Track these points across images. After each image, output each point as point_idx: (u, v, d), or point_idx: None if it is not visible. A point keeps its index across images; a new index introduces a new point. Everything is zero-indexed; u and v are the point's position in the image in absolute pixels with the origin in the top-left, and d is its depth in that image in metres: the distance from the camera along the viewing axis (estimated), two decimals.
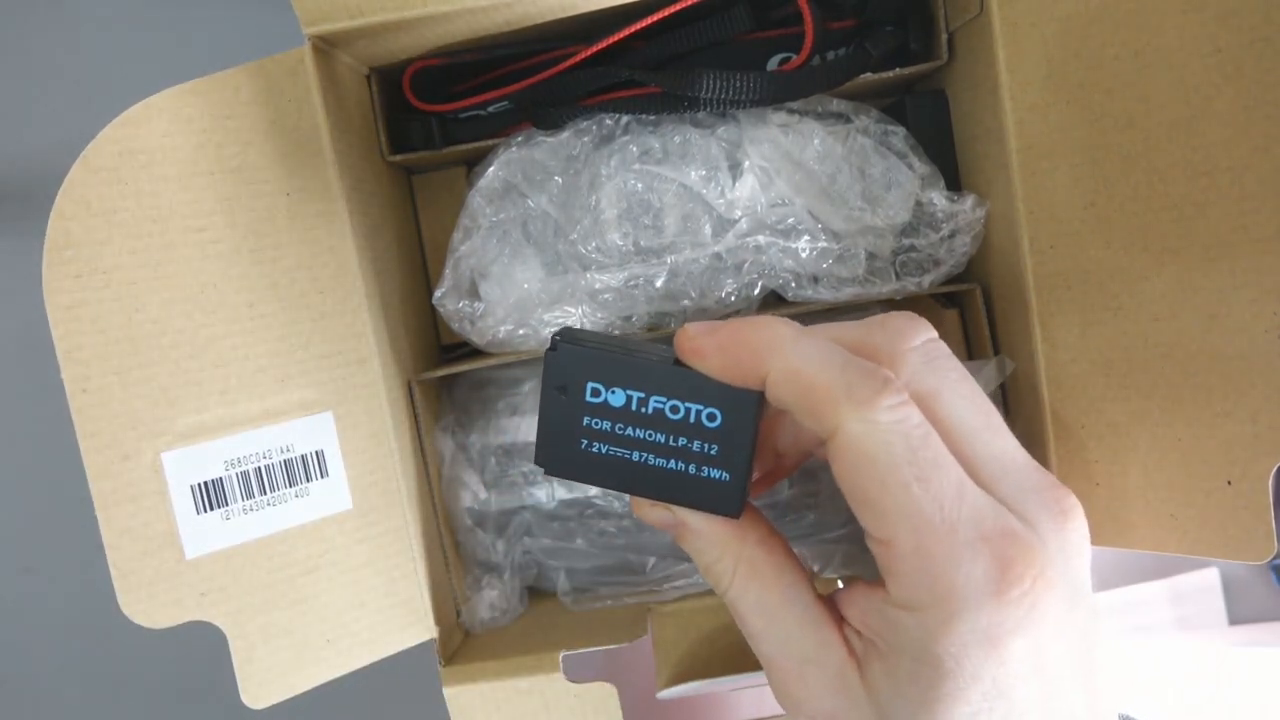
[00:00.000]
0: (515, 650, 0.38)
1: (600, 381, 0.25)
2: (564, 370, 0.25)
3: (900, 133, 0.40)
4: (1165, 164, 0.31)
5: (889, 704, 0.23)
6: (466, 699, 0.36)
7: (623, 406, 0.25)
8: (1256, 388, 0.29)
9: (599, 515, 0.42)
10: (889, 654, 0.23)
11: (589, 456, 0.25)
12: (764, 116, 0.40)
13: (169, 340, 0.32)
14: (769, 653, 0.25)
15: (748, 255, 0.39)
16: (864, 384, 0.22)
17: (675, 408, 0.24)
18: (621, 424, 0.25)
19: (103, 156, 0.31)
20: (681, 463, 0.25)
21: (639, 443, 0.25)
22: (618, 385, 0.24)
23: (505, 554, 0.42)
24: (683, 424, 0.24)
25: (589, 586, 0.43)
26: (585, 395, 0.25)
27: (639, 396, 0.24)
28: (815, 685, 0.24)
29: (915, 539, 0.21)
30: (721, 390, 0.24)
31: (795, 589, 0.25)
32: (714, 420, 0.24)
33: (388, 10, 0.33)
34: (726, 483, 0.25)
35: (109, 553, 0.31)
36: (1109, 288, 0.34)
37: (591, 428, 0.25)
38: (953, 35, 0.40)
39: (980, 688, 0.21)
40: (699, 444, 0.24)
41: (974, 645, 0.21)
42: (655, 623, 0.38)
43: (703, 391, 0.24)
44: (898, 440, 0.22)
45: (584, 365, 0.25)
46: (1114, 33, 0.32)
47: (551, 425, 0.25)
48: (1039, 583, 0.22)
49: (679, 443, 0.24)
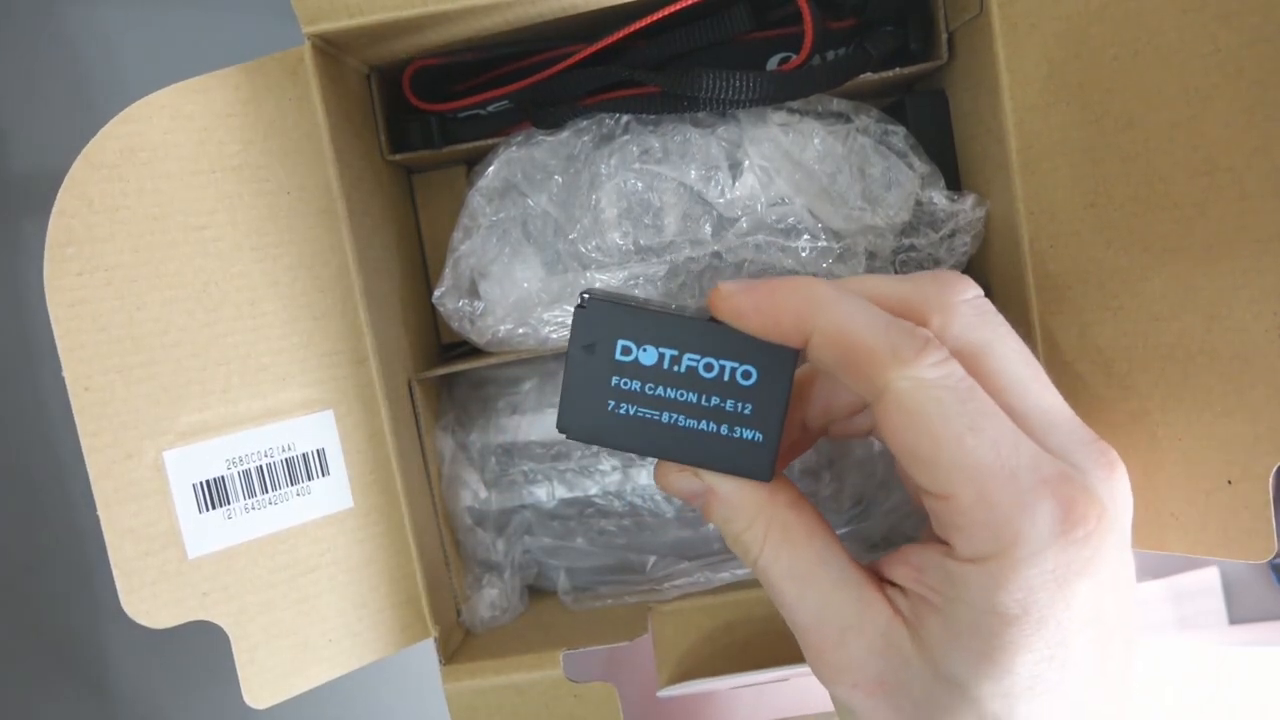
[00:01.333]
0: (515, 649, 0.38)
1: (632, 339, 0.24)
2: (594, 327, 0.24)
3: (900, 132, 0.40)
4: (1165, 164, 0.31)
5: (947, 659, 0.22)
6: (467, 698, 0.36)
7: (654, 365, 0.24)
8: (1256, 388, 0.29)
9: (599, 514, 0.42)
10: (947, 608, 0.22)
11: (616, 418, 0.24)
12: (764, 116, 0.40)
13: (171, 338, 0.32)
14: (805, 621, 0.24)
15: (748, 255, 0.39)
16: (908, 343, 0.22)
17: (709, 365, 0.24)
18: (652, 383, 0.24)
19: (104, 154, 0.31)
20: (713, 423, 0.24)
21: (670, 403, 0.24)
22: (650, 342, 0.24)
23: (505, 553, 0.42)
24: (716, 382, 0.24)
25: (589, 586, 0.43)
26: (615, 354, 0.24)
27: (672, 354, 0.24)
28: (858, 650, 0.24)
29: (976, 488, 0.21)
30: (758, 346, 0.23)
31: (829, 551, 0.25)
32: (749, 379, 0.24)
33: (387, 10, 0.33)
34: (759, 444, 0.24)
35: (111, 552, 0.31)
36: (1109, 288, 0.34)
37: (620, 388, 0.24)
38: (953, 35, 0.40)
39: (1045, 634, 0.21)
40: (732, 403, 0.24)
41: (1040, 589, 0.21)
42: (655, 622, 0.38)
43: (738, 348, 0.24)
44: (946, 394, 0.22)
45: (615, 322, 0.24)
46: (1114, 33, 0.32)
47: (577, 386, 0.24)
48: (1101, 523, 0.22)
49: (711, 402, 0.24)
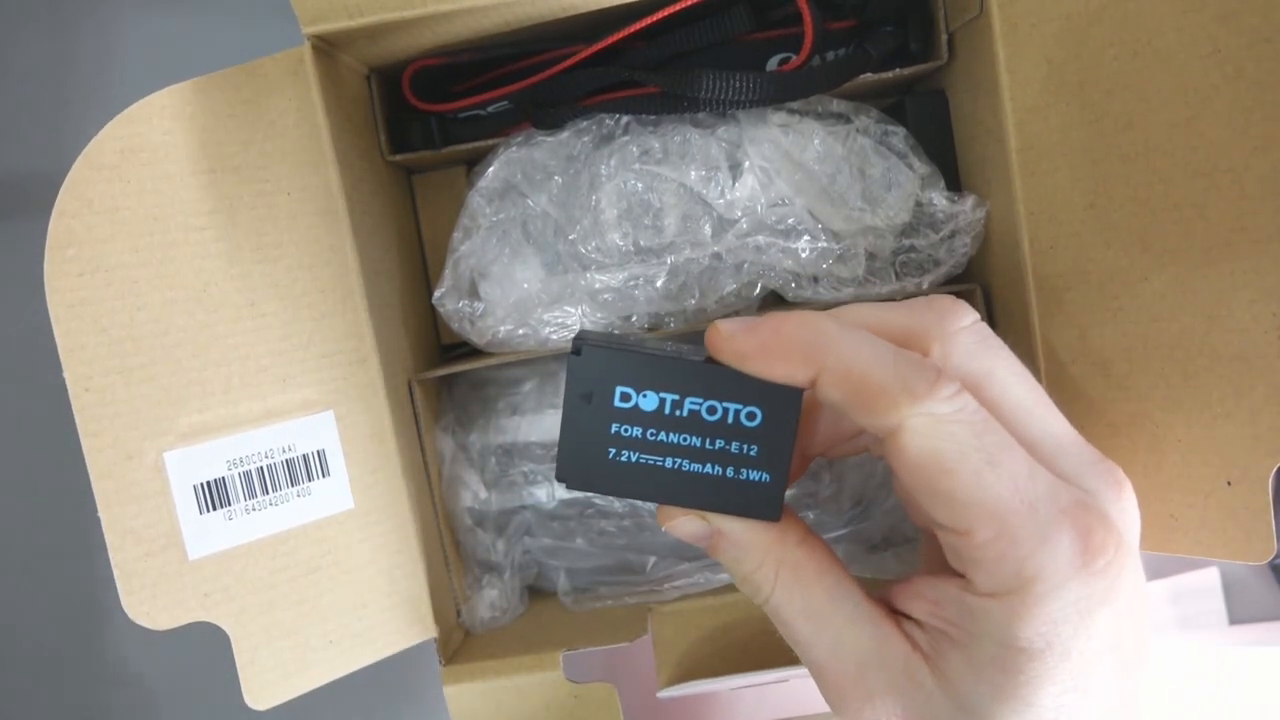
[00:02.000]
0: (515, 650, 0.38)
1: (631, 385, 0.23)
2: (590, 375, 0.23)
3: (900, 133, 0.40)
4: (1165, 164, 0.31)
5: (970, 693, 0.22)
6: (467, 698, 0.36)
7: (655, 411, 0.23)
8: (1256, 388, 0.29)
9: (599, 515, 0.42)
10: (969, 643, 0.22)
11: (617, 467, 0.24)
12: (764, 116, 0.40)
13: (171, 339, 0.32)
14: (821, 659, 0.24)
15: (748, 255, 0.39)
16: (919, 377, 0.22)
17: (713, 409, 0.23)
18: (654, 429, 0.23)
19: (105, 154, 0.31)
20: (718, 466, 0.23)
21: (673, 448, 0.23)
22: (650, 388, 0.23)
23: (505, 554, 0.42)
24: (720, 425, 0.23)
25: (589, 586, 0.43)
26: (614, 400, 0.23)
27: (673, 399, 0.23)
28: (878, 685, 0.23)
29: (996, 524, 0.21)
30: (762, 388, 0.23)
31: (842, 588, 0.24)
32: (753, 419, 0.23)
33: (387, 10, 0.33)
34: (766, 484, 0.23)
35: (112, 554, 0.31)
36: (1109, 288, 0.34)
37: (620, 435, 0.23)
38: (953, 36, 0.40)
39: (1069, 666, 0.21)
40: (737, 445, 0.23)
41: (1063, 623, 0.21)
42: (655, 622, 0.38)
43: (742, 390, 0.23)
44: (961, 429, 0.21)
45: (612, 369, 0.23)
46: (1114, 33, 0.32)
47: (575, 435, 0.23)
48: (1120, 551, 0.21)
49: (716, 445, 0.23)
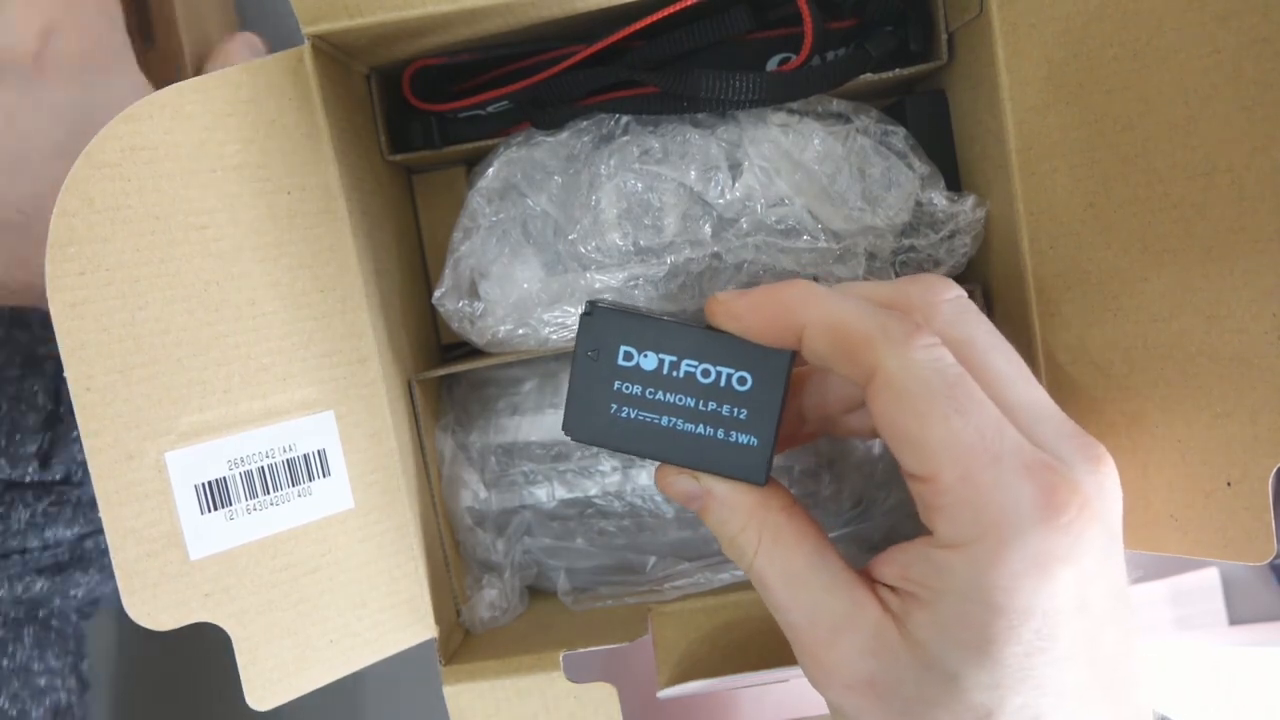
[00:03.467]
0: (515, 650, 0.38)
1: (633, 345, 0.25)
2: (598, 334, 0.26)
3: (900, 133, 0.40)
4: (1165, 165, 0.31)
5: (936, 653, 0.22)
6: (466, 698, 0.36)
7: (654, 370, 0.25)
8: (1256, 388, 0.30)
9: (599, 515, 0.42)
10: (934, 601, 0.23)
11: (618, 422, 0.26)
12: (764, 116, 0.40)
13: (172, 338, 0.32)
14: (797, 621, 0.25)
15: (747, 255, 0.39)
16: (898, 326, 0.23)
17: (706, 371, 0.25)
18: (652, 388, 0.25)
19: (106, 152, 0.31)
20: (710, 427, 0.25)
21: (669, 407, 0.25)
22: (650, 348, 0.25)
23: (505, 554, 0.42)
24: (713, 388, 0.25)
25: (589, 586, 0.43)
26: (618, 359, 0.25)
27: (671, 360, 0.25)
28: (849, 650, 0.24)
29: (959, 468, 0.22)
30: (753, 352, 0.25)
31: (820, 554, 0.25)
32: (744, 384, 0.25)
33: (387, 10, 0.33)
34: (754, 448, 0.25)
35: (113, 554, 0.31)
36: (1109, 288, 0.34)
37: (622, 392, 0.26)
38: (952, 36, 0.40)
39: (1032, 624, 0.21)
40: (728, 408, 0.25)
41: (1024, 575, 0.21)
42: (655, 622, 0.38)
43: (734, 354, 0.25)
44: (934, 375, 0.22)
45: (618, 329, 0.25)
46: (1114, 33, 0.32)
47: (582, 390, 0.26)
48: (1084, 513, 0.22)
49: (709, 407, 0.25)
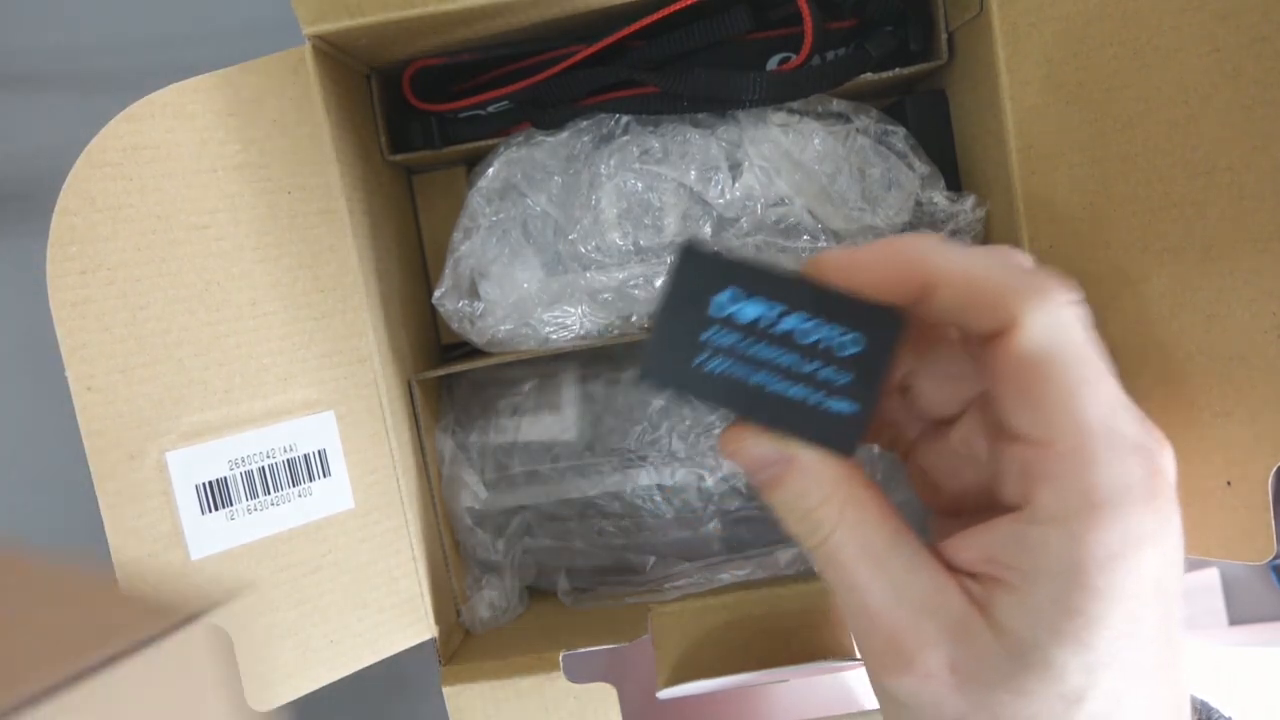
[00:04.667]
0: (515, 650, 0.38)
1: (737, 289, 0.22)
2: (697, 275, 0.23)
3: (900, 133, 0.40)
4: (1165, 164, 0.31)
5: (1027, 639, 0.22)
6: (466, 698, 0.36)
7: (753, 321, 0.23)
8: (1256, 388, 0.30)
9: (599, 515, 0.42)
10: (1023, 584, 0.22)
11: (702, 374, 0.23)
12: (764, 116, 0.40)
13: (173, 338, 0.32)
14: (876, 603, 0.23)
15: (747, 255, 0.39)
16: (1043, 279, 0.21)
17: (812, 329, 0.22)
18: (749, 340, 0.23)
19: (107, 152, 0.31)
20: (806, 390, 0.23)
21: (764, 364, 0.23)
22: (757, 296, 0.22)
23: (505, 554, 0.42)
24: (815, 347, 0.22)
25: (589, 586, 0.43)
26: (713, 306, 0.23)
27: (775, 312, 0.22)
28: (932, 634, 0.22)
29: (1077, 439, 0.21)
30: (864, 310, 0.22)
31: (901, 533, 0.24)
32: (850, 346, 0.22)
33: (388, 9, 0.33)
34: (850, 416, 0.23)
35: (114, 554, 0.31)
36: (1109, 288, 0.34)
37: (713, 342, 0.23)
38: (952, 35, 0.40)
39: (1123, 609, 0.21)
40: (830, 371, 0.22)
41: (1119, 556, 0.21)
42: (655, 623, 0.38)
43: (844, 311, 0.22)
44: (1075, 336, 0.21)
45: (721, 271, 0.22)
46: (1114, 33, 0.32)
47: (667, 337, 0.23)
48: (1173, 496, 0.22)
49: (807, 368, 0.23)
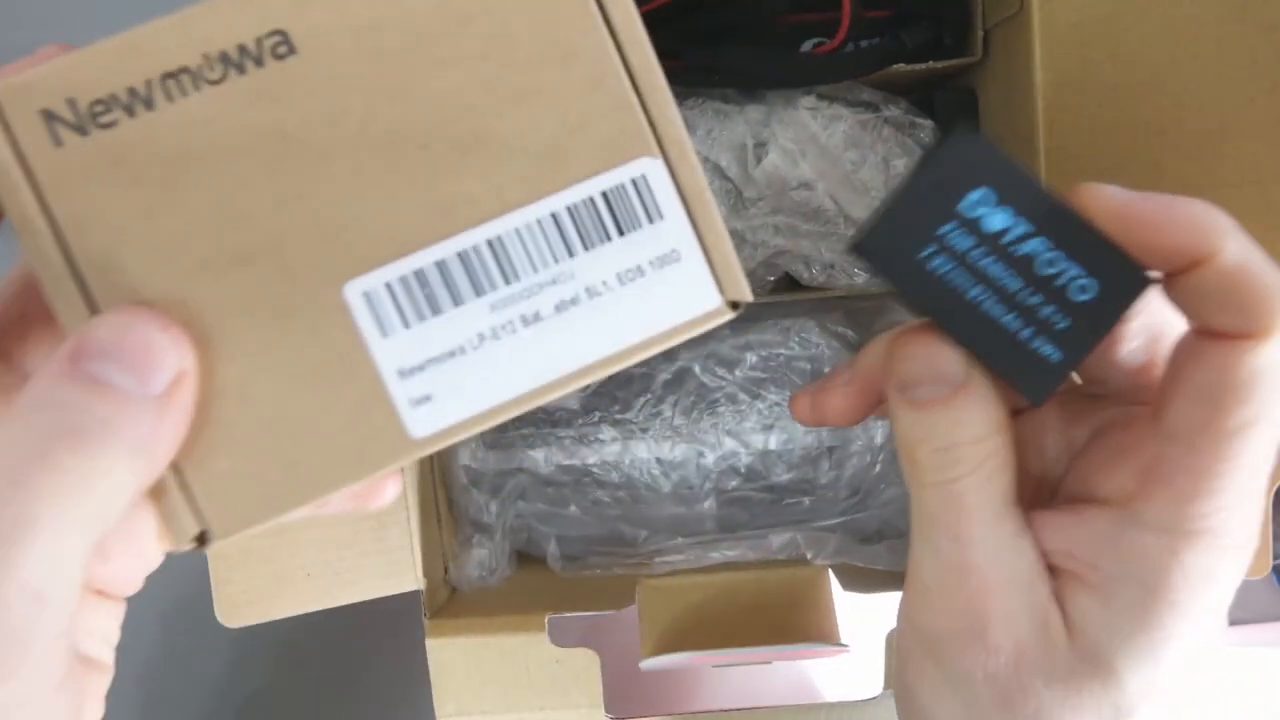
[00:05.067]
0: (501, 610, 0.38)
1: (994, 190, 0.21)
2: (958, 163, 0.20)
3: (928, 126, 0.40)
4: (1193, 173, 0.31)
5: (1099, 644, 0.21)
6: (449, 654, 0.36)
7: (997, 232, 0.21)
8: None
9: (595, 484, 0.42)
10: (1107, 586, 0.21)
11: (919, 268, 0.21)
12: (793, 99, 0.40)
13: None
14: (978, 562, 0.22)
15: (767, 235, 0.39)
16: None
17: (1054, 260, 0.21)
18: (983, 251, 0.21)
19: None
20: (1020, 322, 0.21)
21: (988, 280, 0.21)
22: (1010, 206, 0.21)
23: (498, 515, 0.42)
24: (1048, 281, 0.21)
25: (579, 555, 0.42)
26: (963, 202, 0.21)
27: (1024, 229, 0.21)
28: (1016, 608, 0.22)
29: (1226, 464, 0.20)
30: (1114, 259, 0.20)
31: (1016, 503, 0.23)
32: (1084, 292, 0.21)
33: None
34: (1052, 363, 0.21)
35: None
36: None
37: (945, 241, 0.21)
38: (988, 33, 0.40)
39: (1200, 624, 0.21)
40: (1052, 309, 0.21)
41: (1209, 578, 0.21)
42: (643, 595, 0.38)
43: (1099, 254, 0.21)
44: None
45: (982, 167, 0.20)
46: (1154, 37, 0.32)
47: (901, 215, 0.21)
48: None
49: (1032, 299, 0.21)
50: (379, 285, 0.19)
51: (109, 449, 0.17)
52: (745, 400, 0.40)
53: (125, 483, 0.17)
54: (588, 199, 0.20)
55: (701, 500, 0.41)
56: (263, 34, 0.18)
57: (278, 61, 0.19)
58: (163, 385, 0.18)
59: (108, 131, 0.19)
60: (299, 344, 0.19)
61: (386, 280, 0.19)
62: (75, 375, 0.17)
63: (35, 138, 0.18)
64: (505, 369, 0.20)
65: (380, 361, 0.19)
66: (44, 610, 0.17)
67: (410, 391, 0.19)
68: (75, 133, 0.18)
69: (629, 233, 0.20)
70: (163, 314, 0.18)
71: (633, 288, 0.20)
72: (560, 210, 0.20)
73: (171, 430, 0.18)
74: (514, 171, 0.19)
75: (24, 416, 0.17)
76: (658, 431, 0.40)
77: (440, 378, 0.19)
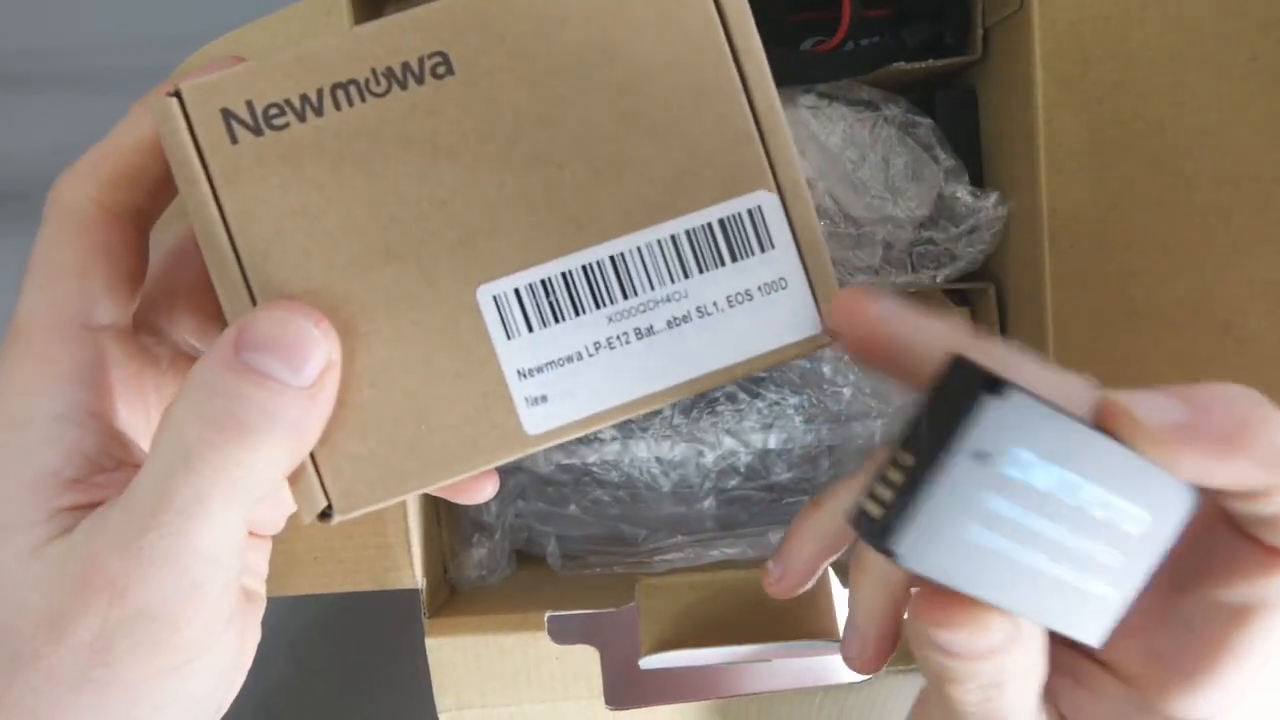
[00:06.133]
0: (500, 609, 0.38)
1: (1037, 452, 0.18)
2: (998, 426, 0.17)
3: (927, 124, 0.40)
4: (1193, 169, 0.31)
5: None
6: (448, 652, 0.36)
7: (1046, 490, 0.18)
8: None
9: (595, 483, 0.42)
10: None
11: (969, 548, 0.18)
12: (793, 98, 0.40)
13: None
14: None
15: None
16: None
17: (1107, 501, 0.18)
18: (1033, 511, 0.18)
19: None
20: (1072, 570, 0.19)
21: (1040, 539, 0.18)
22: (1056, 461, 0.18)
23: (498, 514, 0.42)
24: (1100, 524, 0.18)
25: (579, 554, 0.43)
26: (1008, 465, 0.18)
27: (1074, 481, 0.18)
28: None
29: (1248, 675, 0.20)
30: (1155, 481, 0.18)
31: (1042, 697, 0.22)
32: (1133, 524, 0.19)
33: None
34: (1107, 603, 0.19)
35: None
36: (1127, 291, 0.33)
37: (992, 511, 0.18)
38: (988, 31, 0.40)
39: None
40: (1104, 550, 0.19)
41: None
42: (642, 593, 0.38)
43: (1138, 482, 0.18)
44: None
45: (1026, 425, 0.17)
46: (1155, 35, 0.32)
47: (942, 499, 0.17)
48: None
49: (1085, 546, 0.18)
50: (509, 291, 0.20)
51: (269, 437, 0.19)
52: (745, 399, 0.40)
53: (279, 463, 0.19)
54: (706, 225, 0.21)
55: (701, 499, 0.41)
56: (426, 54, 0.20)
57: (437, 80, 0.20)
58: (313, 375, 0.19)
59: (279, 133, 0.20)
60: (432, 339, 0.20)
61: (516, 286, 0.20)
62: (238, 366, 0.19)
63: (214, 134, 0.20)
64: (615, 377, 0.21)
65: (504, 361, 0.21)
66: (216, 569, 0.19)
67: (528, 391, 0.21)
68: (250, 132, 0.20)
69: (741, 259, 0.21)
70: (315, 308, 0.20)
71: (740, 310, 0.21)
72: (680, 234, 0.21)
73: (319, 416, 0.20)
74: (641, 195, 0.21)
75: (194, 403, 0.19)
76: (657, 430, 0.40)
77: (556, 380, 0.21)
